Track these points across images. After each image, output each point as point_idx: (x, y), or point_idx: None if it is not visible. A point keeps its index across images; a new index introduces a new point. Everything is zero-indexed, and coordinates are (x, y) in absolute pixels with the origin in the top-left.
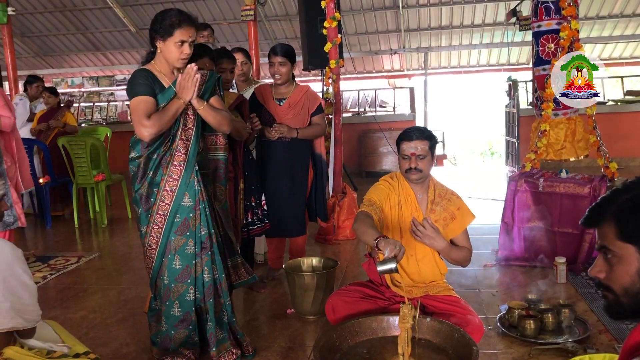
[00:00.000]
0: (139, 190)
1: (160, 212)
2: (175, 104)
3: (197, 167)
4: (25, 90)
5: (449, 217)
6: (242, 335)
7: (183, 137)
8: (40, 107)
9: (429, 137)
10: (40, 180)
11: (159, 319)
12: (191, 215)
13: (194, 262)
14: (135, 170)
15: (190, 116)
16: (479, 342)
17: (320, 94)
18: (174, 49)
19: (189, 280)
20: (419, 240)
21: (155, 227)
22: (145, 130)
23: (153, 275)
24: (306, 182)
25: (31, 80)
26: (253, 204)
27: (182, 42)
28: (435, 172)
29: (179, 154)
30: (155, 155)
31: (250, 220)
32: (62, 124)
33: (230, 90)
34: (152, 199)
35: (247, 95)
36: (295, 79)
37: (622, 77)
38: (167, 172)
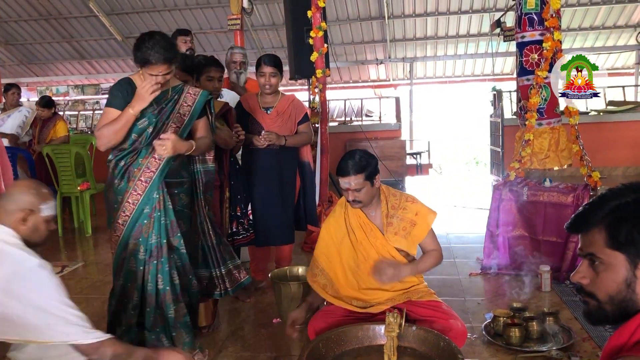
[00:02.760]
0: (107, 194)
1: (119, 221)
2: (125, 114)
3: (162, 184)
4: None
5: (409, 225)
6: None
7: (155, 156)
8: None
9: (361, 170)
10: None
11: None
12: (145, 222)
13: (141, 268)
14: (109, 173)
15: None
16: (462, 347)
17: (306, 103)
18: (146, 76)
19: (136, 285)
20: (384, 282)
21: (115, 234)
22: (98, 140)
23: (113, 277)
24: (294, 190)
25: (7, 87)
26: (238, 213)
27: (154, 75)
28: (421, 182)
29: (148, 171)
30: (122, 163)
31: (235, 230)
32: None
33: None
34: (115, 206)
35: None
36: (280, 88)
37: (604, 88)
38: (133, 186)
